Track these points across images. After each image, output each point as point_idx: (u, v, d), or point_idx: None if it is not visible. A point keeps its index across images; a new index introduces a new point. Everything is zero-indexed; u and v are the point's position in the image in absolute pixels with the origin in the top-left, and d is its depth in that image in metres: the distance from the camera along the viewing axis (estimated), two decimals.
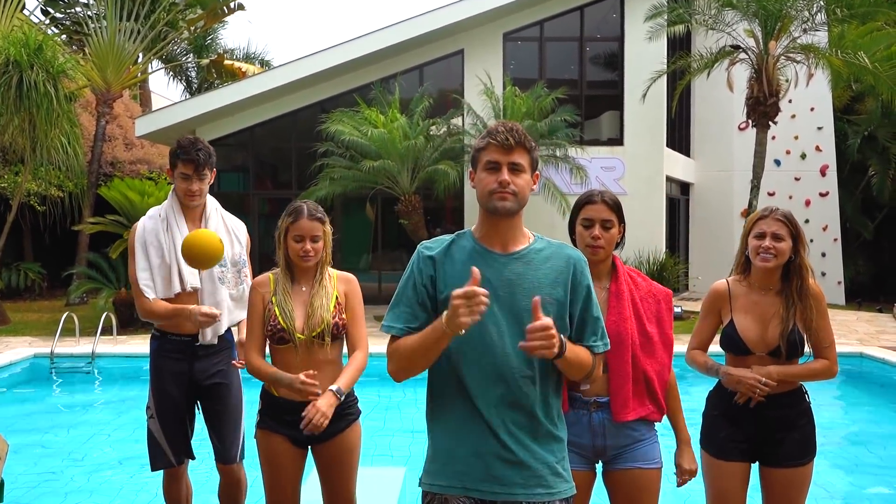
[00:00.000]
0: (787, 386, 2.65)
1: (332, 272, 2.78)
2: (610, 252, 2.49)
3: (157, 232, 3.08)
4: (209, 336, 3.09)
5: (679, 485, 2.60)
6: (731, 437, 2.66)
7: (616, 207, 2.48)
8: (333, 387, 2.60)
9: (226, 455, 3.14)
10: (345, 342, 2.77)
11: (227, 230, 3.22)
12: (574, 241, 2.54)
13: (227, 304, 3.13)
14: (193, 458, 3.25)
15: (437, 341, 1.85)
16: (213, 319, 2.95)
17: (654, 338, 2.47)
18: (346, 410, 2.72)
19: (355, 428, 2.74)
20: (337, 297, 2.72)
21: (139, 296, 3.06)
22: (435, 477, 1.97)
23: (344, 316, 2.70)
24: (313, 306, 2.66)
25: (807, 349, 2.71)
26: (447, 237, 2.08)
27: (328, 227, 2.71)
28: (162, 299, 3.06)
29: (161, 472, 3.22)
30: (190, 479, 3.33)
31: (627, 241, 2.56)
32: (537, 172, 2.05)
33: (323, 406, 2.54)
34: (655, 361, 2.46)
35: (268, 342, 2.74)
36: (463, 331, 1.79)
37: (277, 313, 2.66)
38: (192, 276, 3.08)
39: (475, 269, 1.79)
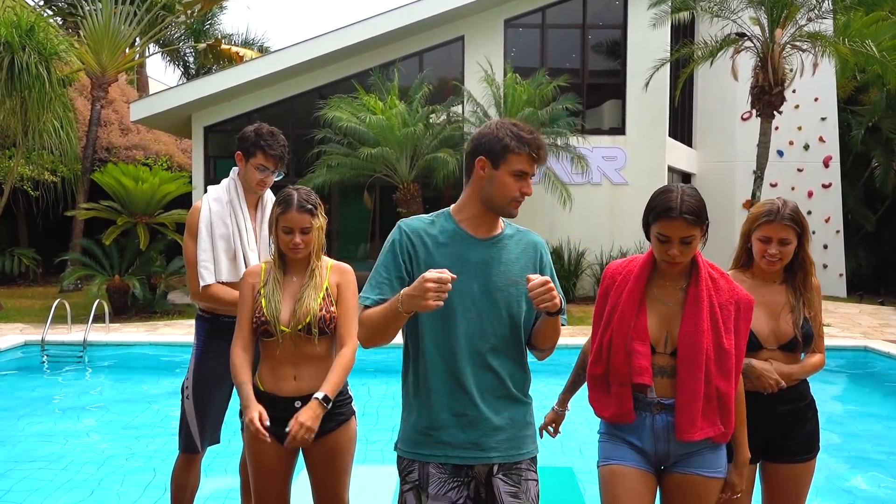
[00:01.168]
0: (794, 381, 2.58)
1: (326, 262, 2.65)
2: (689, 260, 2.25)
3: (223, 216, 3.07)
4: None
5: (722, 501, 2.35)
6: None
7: (698, 219, 2.14)
8: (319, 394, 2.41)
9: None
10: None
11: None
12: (647, 236, 2.30)
13: None
14: (218, 441, 3.21)
15: (395, 319, 2.00)
16: None
17: (731, 352, 2.21)
18: (337, 410, 2.57)
19: (347, 429, 2.60)
20: (327, 289, 2.58)
21: (194, 278, 3.04)
22: (418, 446, 2.11)
23: (333, 308, 2.56)
24: (301, 298, 2.53)
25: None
26: (427, 216, 2.20)
27: (321, 218, 2.57)
28: (227, 283, 3.03)
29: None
30: (201, 470, 3.25)
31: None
32: None
33: (307, 419, 2.37)
34: (731, 379, 2.22)
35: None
36: (426, 311, 1.93)
37: (264, 305, 2.53)
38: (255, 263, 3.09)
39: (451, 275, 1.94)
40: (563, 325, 2.15)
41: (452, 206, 2.21)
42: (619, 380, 2.23)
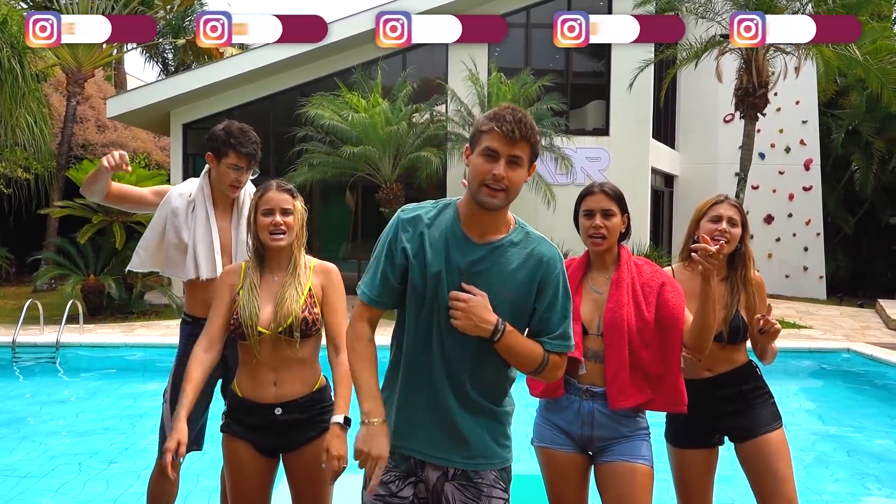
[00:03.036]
0: (730, 364, 2.67)
1: (309, 261, 2.53)
2: (613, 241, 2.48)
3: (179, 213, 3.03)
4: None
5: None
6: (687, 423, 2.66)
7: (616, 197, 2.47)
8: (337, 418, 2.23)
9: None
10: (321, 339, 2.50)
11: None
12: (580, 233, 2.55)
13: None
14: (200, 448, 3.07)
15: None
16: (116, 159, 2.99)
17: (653, 322, 2.39)
18: (320, 417, 2.44)
19: None
20: (310, 289, 2.46)
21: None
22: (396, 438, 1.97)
23: (316, 310, 2.43)
24: (282, 298, 2.39)
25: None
26: (431, 205, 1.99)
27: (300, 204, 2.48)
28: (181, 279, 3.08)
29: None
30: (179, 479, 3.10)
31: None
32: (534, 164, 1.94)
33: (336, 448, 2.16)
34: (655, 349, 2.39)
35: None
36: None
37: (241, 305, 2.40)
38: (208, 268, 2.96)
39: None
40: (549, 349, 1.95)
41: (461, 197, 1.99)
42: None
